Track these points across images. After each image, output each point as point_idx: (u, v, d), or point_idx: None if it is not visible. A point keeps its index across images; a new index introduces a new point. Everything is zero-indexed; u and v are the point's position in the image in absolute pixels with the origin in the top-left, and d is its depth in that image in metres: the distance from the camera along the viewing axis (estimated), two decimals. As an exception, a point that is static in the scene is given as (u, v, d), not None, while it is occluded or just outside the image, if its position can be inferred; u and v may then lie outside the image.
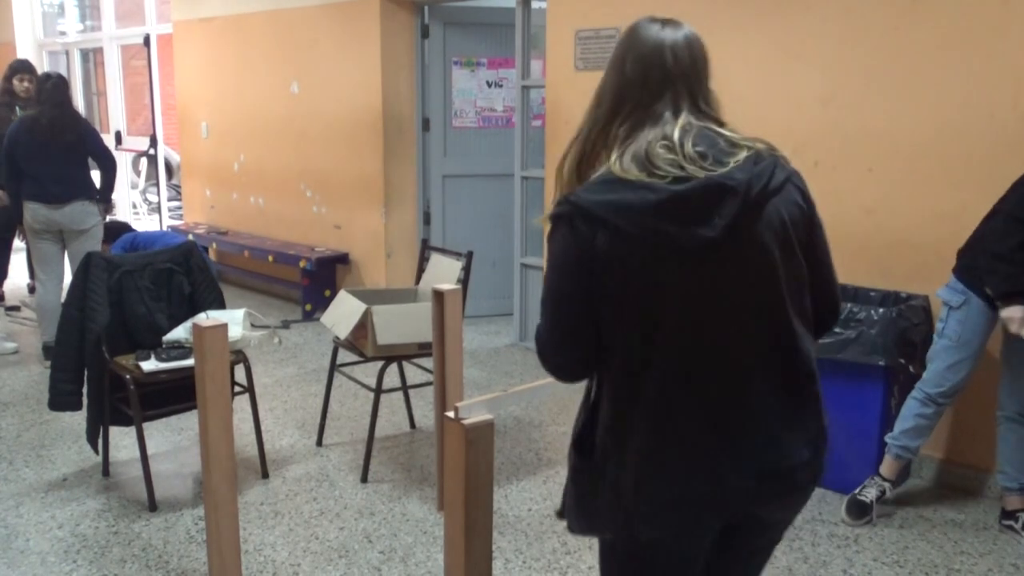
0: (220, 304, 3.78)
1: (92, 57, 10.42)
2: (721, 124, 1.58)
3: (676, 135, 1.50)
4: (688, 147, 1.48)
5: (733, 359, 1.50)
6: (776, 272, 1.50)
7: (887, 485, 3.35)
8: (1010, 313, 2.99)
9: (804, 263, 1.55)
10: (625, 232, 1.46)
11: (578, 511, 1.68)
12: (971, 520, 3.37)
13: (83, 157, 5.14)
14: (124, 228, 5.11)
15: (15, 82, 6.11)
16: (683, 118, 1.54)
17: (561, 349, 1.59)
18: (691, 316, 1.49)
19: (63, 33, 10.37)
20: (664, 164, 1.47)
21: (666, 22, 1.61)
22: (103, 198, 5.26)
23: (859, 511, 3.32)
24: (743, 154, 1.50)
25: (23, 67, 6.29)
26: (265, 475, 3.73)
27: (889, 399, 3.43)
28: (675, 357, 1.49)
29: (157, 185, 8.58)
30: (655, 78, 1.56)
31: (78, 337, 3.53)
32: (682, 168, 1.46)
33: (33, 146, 4.96)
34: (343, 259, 6.43)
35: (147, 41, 7.92)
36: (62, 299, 4.01)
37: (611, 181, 1.50)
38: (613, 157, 1.53)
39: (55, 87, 5.05)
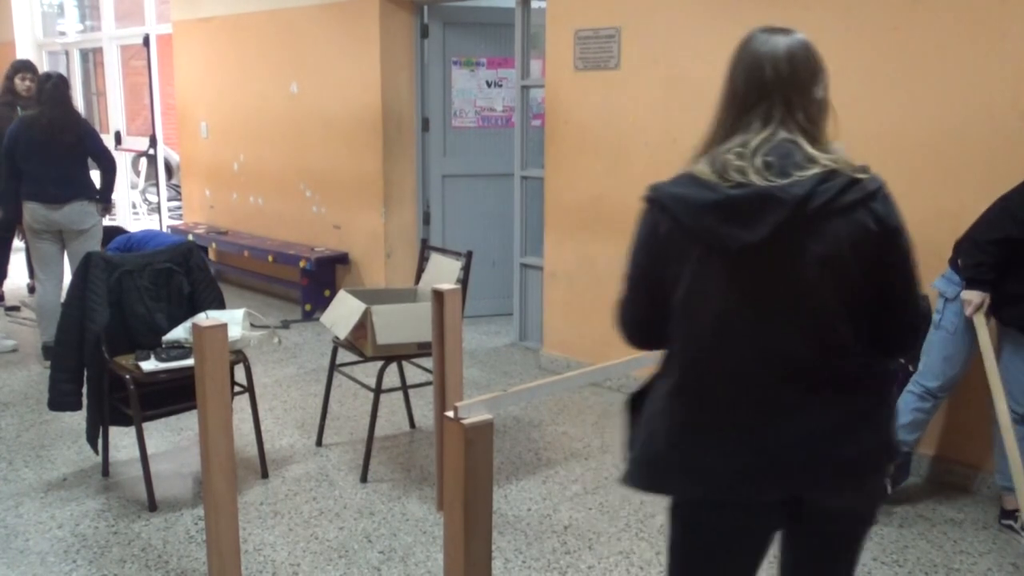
0: (220, 304, 3.78)
1: (92, 57, 10.42)
2: (815, 137, 1.64)
3: (753, 144, 1.62)
4: (758, 157, 1.59)
5: (762, 357, 1.61)
6: (818, 284, 1.57)
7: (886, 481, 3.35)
8: (969, 296, 3.11)
9: (862, 282, 1.60)
10: (682, 223, 1.62)
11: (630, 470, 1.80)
12: (970, 519, 3.37)
13: (83, 157, 5.13)
14: (118, 232, 5.12)
15: (16, 81, 6.13)
16: (769, 130, 1.63)
17: (627, 313, 1.86)
18: (727, 311, 1.61)
19: (63, 33, 10.37)
20: (731, 170, 1.60)
21: (776, 31, 1.75)
22: (103, 198, 5.25)
23: None
24: (814, 170, 1.58)
25: (25, 66, 6.30)
26: (265, 475, 3.74)
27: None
28: (709, 345, 1.63)
29: (157, 185, 8.57)
30: (754, 89, 1.67)
31: (78, 337, 3.53)
32: (744, 175, 1.58)
33: (32, 146, 4.96)
34: (343, 259, 6.43)
35: (147, 41, 7.92)
36: (62, 299, 4.02)
37: (687, 178, 1.66)
38: (701, 158, 1.67)
39: (55, 87, 5.04)
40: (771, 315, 1.60)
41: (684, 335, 1.67)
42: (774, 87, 1.66)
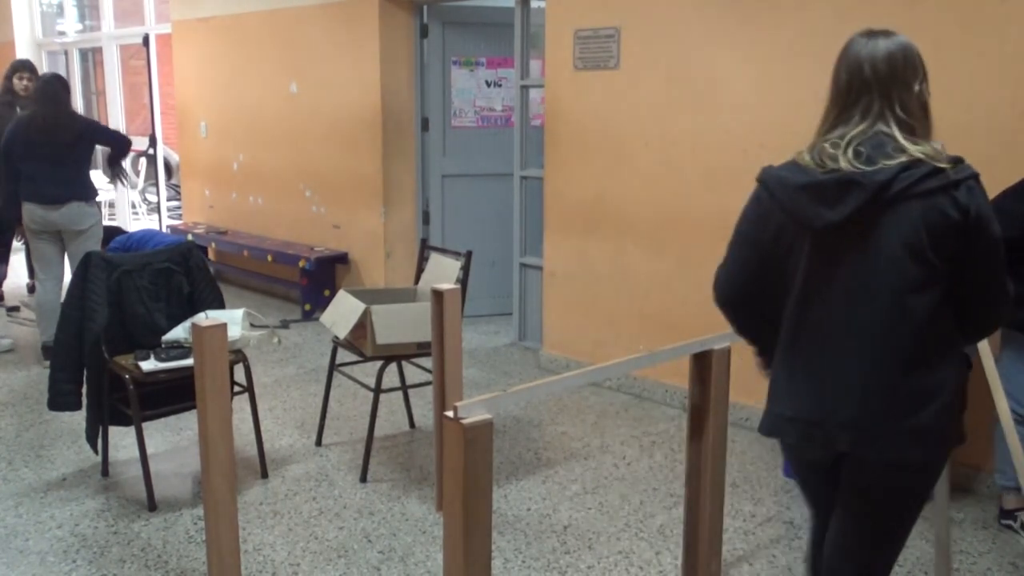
0: (219, 304, 3.78)
1: (91, 57, 10.42)
2: (912, 130, 1.82)
3: (849, 136, 1.82)
4: (851, 148, 1.81)
5: (838, 323, 1.85)
6: (894, 263, 1.78)
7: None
8: None
9: (941, 265, 1.78)
10: (779, 201, 1.88)
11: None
12: (970, 519, 3.37)
13: (80, 157, 5.13)
14: (117, 232, 5.12)
15: (15, 80, 6.14)
16: (867, 123, 1.83)
17: (724, 274, 2.08)
18: (811, 279, 1.88)
19: (62, 33, 10.37)
20: (826, 158, 1.83)
21: (877, 34, 1.93)
22: (109, 165, 5.32)
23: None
24: (900, 159, 1.77)
25: (24, 66, 6.32)
26: (264, 475, 3.74)
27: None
28: (799, 310, 1.91)
29: (156, 185, 8.57)
30: (854, 87, 1.86)
31: (77, 337, 3.53)
32: (836, 162, 1.80)
33: (29, 146, 4.96)
34: (342, 259, 6.43)
35: (146, 41, 7.92)
36: (62, 299, 4.01)
37: (791, 164, 1.91)
38: (806, 149, 1.90)
39: (50, 86, 5.06)
40: (849, 287, 1.83)
41: (784, 298, 1.94)
42: (873, 85, 1.84)
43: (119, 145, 5.34)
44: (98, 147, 5.56)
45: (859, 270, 1.81)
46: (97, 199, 5.25)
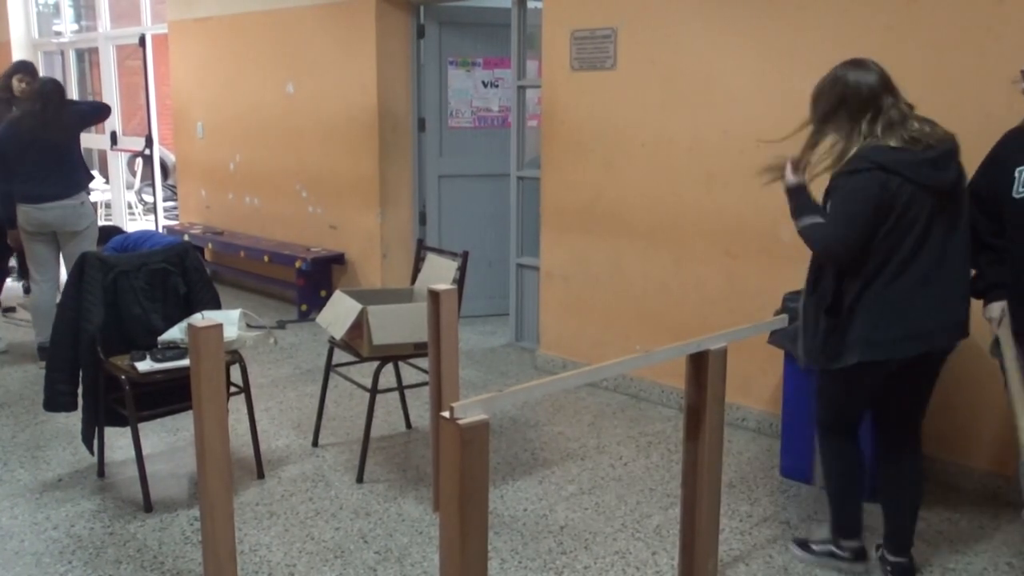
0: (216, 304, 3.78)
1: (87, 57, 10.40)
2: (911, 107, 2.68)
3: (914, 124, 2.61)
4: (925, 127, 2.62)
5: (945, 257, 2.63)
6: (964, 206, 2.67)
7: None
8: (990, 312, 3.04)
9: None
10: (903, 176, 2.54)
11: (825, 352, 2.72)
12: (966, 518, 3.37)
13: (72, 157, 5.13)
14: (115, 231, 5.12)
15: (14, 82, 6.16)
16: (905, 112, 2.64)
17: (844, 242, 2.59)
18: (930, 227, 2.59)
19: (58, 33, 10.34)
20: (923, 137, 2.59)
21: (855, 62, 2.73)
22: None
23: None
24: (939, 129, 2.65)
25: (23, 68, 6.35)
26: (261, 475, 3.73)
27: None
28: (909, 255, 2.59)
29: (153, 185, 8.55)
30: (877, 94, 2.65)
31: (73, 337, 3.52)
32: (927, 140, 2.59)
33: (21, 147, 4.98)
34: (339, 259, 6.42)
35: (142, 41, 7.91)
36: (57, 300, 4.01)
37: (886, 149, 2.57)
38: (866, 139, 2.60)
39: (44, 91, 5.09)
40: (946, 227, 2.62)
41: (891, 247, 2.58)
42: (887, 88, 2.65)
43: (99, 109, 5.62)
44: (96, 148, 5.58)
45: (953, 214, 2.62)
46: (91, 198, 5.25)
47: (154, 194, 8.53)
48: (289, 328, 6.15)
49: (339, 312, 3.70)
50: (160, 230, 7.91)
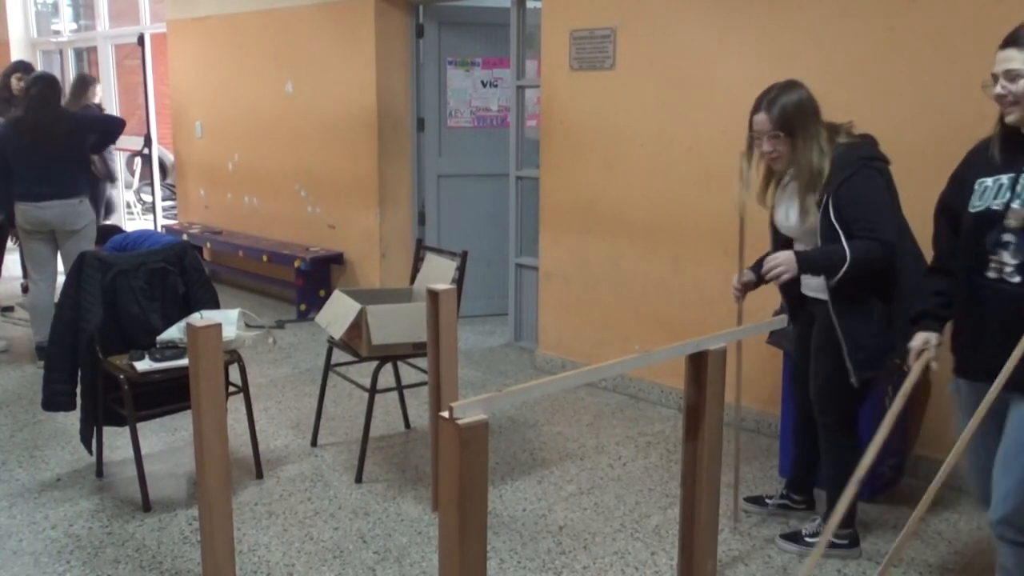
0: (214, 304, 3.77)
1: (86, 56, 10.39)
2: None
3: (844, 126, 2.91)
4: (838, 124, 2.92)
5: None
6: None
7: None
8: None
9: None
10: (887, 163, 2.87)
11: (875, 358, 2.88)
12: (965, 519, 3.37)
13: (71, 156, 5.13)
14: (114, 230, 5.11)
15: (13, 81, 6.18)
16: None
17: (892, 238, 2.76)
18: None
19: (57, 32, 10.34)
20: (849, 131, 2.90)
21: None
22: (93, 150, 5.39)
23: None
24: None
25: (21, 67, 6.36)
26: (259, 475, 3.73)
27: (884, 398, 3.43)
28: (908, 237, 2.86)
29: (151, 185, 8.55)
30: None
31: (72, 337, 3.52)
32: (853, 133, 2.90)
33: (20, 146, 4.98)
34: (338, 259, 6.42)
35: (141, 40, 7.90)
36: (55, 299, 4.00)
37: (856, 144, 2.83)
38: (832, 140, 2.85)
39: (40, 86, 5.08)
40: None
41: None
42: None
43: (111, 128, 5.41)
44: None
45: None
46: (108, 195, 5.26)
47: (153, 194, 8.52)
48: (288, 328, 6.15)
49: (338, 312, 3.69)
50: (159, 230, 7.90)
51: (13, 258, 6.98)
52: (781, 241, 3.10)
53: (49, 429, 4.23)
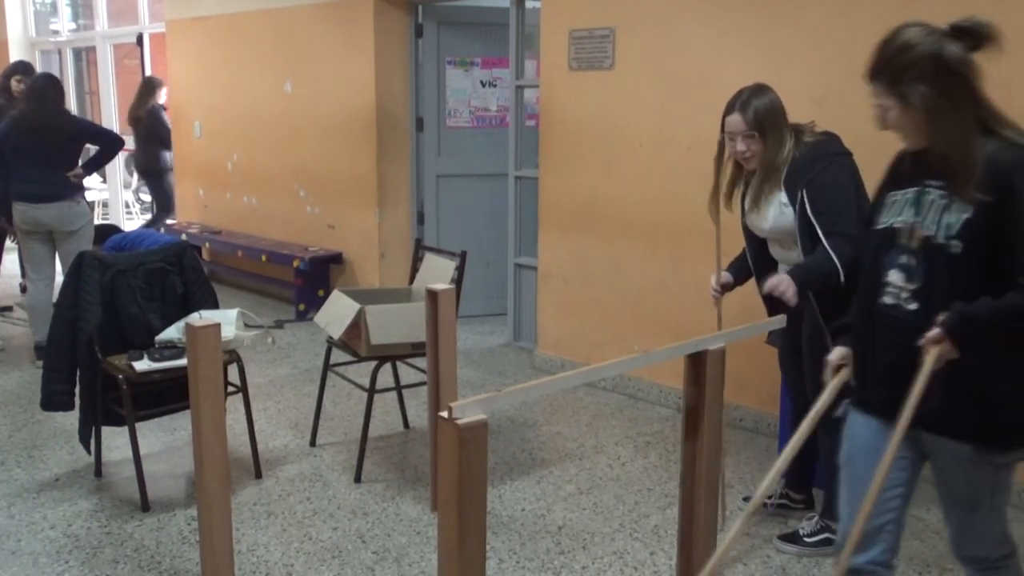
0: (213, 304, 3.77)
1: (85, 56, 10.39)
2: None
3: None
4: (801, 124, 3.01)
5: None
6: None
7: None
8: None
9: None
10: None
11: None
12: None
13: (70, 157, 5.13)
14: (113, 229, 5.11)
15: (13, 82, 6.18)
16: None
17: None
18: None
19: (56, 32, 10.34)
20: (812, 128, 3.03)
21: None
22: (85, 166, 5.22)
23: None
24: None
25: (21, 68, 6.36)
26: (258, 475, 3.73)
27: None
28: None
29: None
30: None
31: (70, 337, 3.51)
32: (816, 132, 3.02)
33: (19, 146, 4.98)
34: (337, 259, 6.42)
35: (140, 40, 7.91)
36: (54, 299, 4.00)
37: (823, 141, 2.95)
38: (799, 139, 2.97)
39: (39, 86, 5.08)
40: None
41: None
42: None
43: (111, 145, 5.31)
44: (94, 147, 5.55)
45: None
46: (86, 198, 5.25)
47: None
48: (287, 328, 6.15)
49: (337, 312, 3.69)
50: (158, 229, 7.89)
51: (11, 258, 6.99)
52: (755, 242, 3.20)
53: (48, 429, 4.22)
